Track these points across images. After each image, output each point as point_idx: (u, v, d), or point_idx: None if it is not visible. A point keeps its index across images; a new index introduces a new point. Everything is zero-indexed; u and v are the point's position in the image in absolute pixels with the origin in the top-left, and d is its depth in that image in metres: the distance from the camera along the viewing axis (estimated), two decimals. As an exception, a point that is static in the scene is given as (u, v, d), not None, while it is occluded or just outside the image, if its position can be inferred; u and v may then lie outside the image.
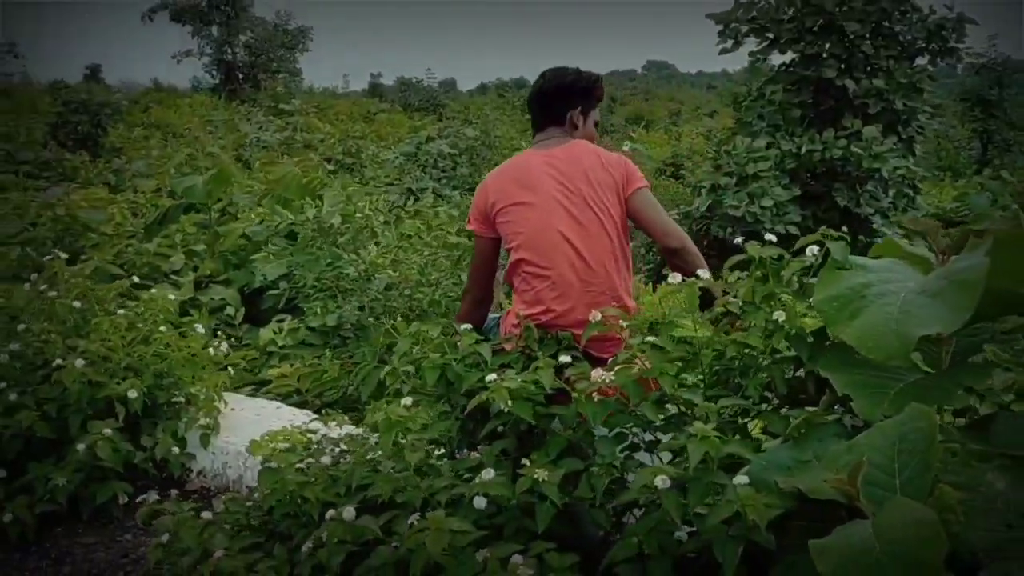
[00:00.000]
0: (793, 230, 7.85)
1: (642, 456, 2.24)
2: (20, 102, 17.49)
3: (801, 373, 2.16)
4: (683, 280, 2.30)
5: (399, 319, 4.64)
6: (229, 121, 17.35)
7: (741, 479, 1.82)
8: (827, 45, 8.68)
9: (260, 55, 24.96)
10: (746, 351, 2.17)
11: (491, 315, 2.94)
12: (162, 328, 3.48)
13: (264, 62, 25.00)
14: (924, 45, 8.95)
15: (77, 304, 3.58)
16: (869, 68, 8.65)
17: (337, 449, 2.69)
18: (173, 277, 6.72)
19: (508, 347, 2.62)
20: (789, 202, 8.33)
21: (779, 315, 2.14)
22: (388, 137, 17.80)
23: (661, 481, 1.91)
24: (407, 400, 2.39)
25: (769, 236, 2.31)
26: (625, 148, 11.61)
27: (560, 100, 2.80)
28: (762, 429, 2.18)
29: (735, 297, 2.25)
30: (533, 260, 2.66)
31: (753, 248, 2.22)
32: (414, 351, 2.57)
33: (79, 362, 3.16)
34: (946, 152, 19.22)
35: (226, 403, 3.69)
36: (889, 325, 1.74)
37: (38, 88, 18.95)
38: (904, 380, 1.86)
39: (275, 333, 5.63)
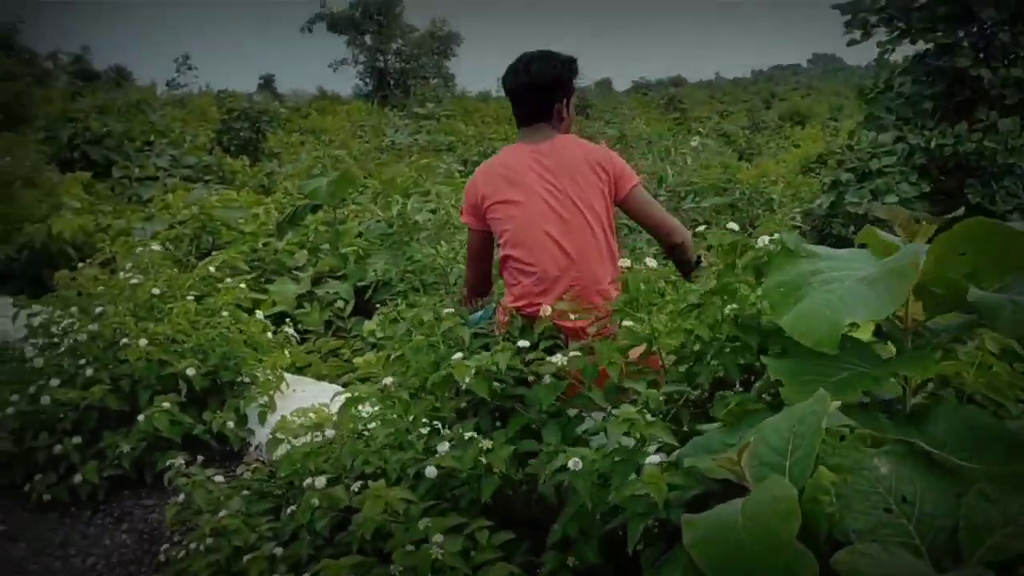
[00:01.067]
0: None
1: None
2: (192, 110, 18.90)
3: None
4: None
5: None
6: (376, 126, 18.12)
7: (653, 459, 1.85)
8: (961, 34, 8.16)
9: (410, 61, 25.88)
10: (696, 340, 2.18)
11: (489, 306, 3.02)
12: (224, 313, 3.76)
13: (415, 68, 25.89)
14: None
15: (156, 291, 3.92)
16: (1007, 57, 8.07)
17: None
18: (295, 272, 7.16)
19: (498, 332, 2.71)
20: (916, 199, 7.91)
21: (730, 305, 2.15)
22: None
23: (573, 463, 1.97)
24: (388, 379, 2.54)
25: (731, 225, 2.31)
26: (694, 143, 11.27)
27: (550, 94, 2.84)
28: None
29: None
30: (519, 257, 2.75)
31: (712, 235, 2.22)
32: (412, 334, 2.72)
33: (143, 342, 3.48)
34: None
35: (287, 384, 3.94)
36: (823, 312, 1.74)
37: (209, 97, 20.39)
38: (851, 370, 1.83)
39: (376, 325, 5.93)
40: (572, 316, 2.43)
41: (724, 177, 9.18)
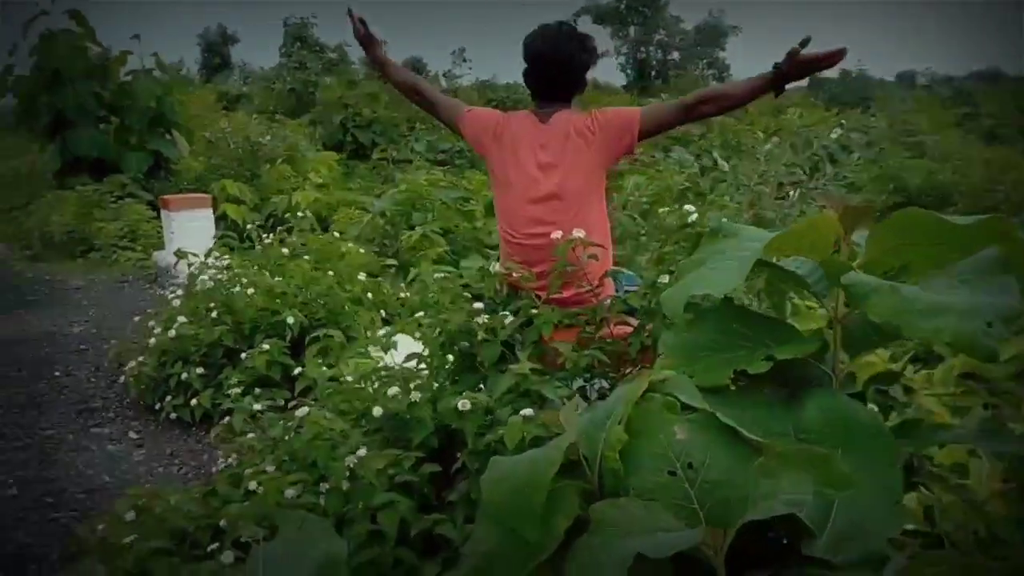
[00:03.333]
0: None
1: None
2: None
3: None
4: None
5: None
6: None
7: (525, 412, 2.03)
8: None
9: (671, 52, 25.71)
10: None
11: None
12: (330, 273, 4.23)
13: (677, 59, 25.69)
14: None
15: (285, 251, 4.48)
16: None
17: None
18: (486, 249, 7.64)
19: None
20: None
21: (663, 278, 2.21)
22: (786, 128, 17.28)
23: (461, 404, 2.16)
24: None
25: (688, 207, 2.35)
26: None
27: (579, 77, 2.93)
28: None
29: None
30: (507, 229, 2.92)
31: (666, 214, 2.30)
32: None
33: (250, 290, 4.03)
34: None
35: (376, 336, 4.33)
36: (686, 287, 1.82)
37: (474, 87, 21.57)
38: (748, 349, 1.87)
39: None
40: (515, 275, 2.58)
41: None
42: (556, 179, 2.84)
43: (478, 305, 2.58)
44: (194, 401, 4.01)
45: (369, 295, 4.37)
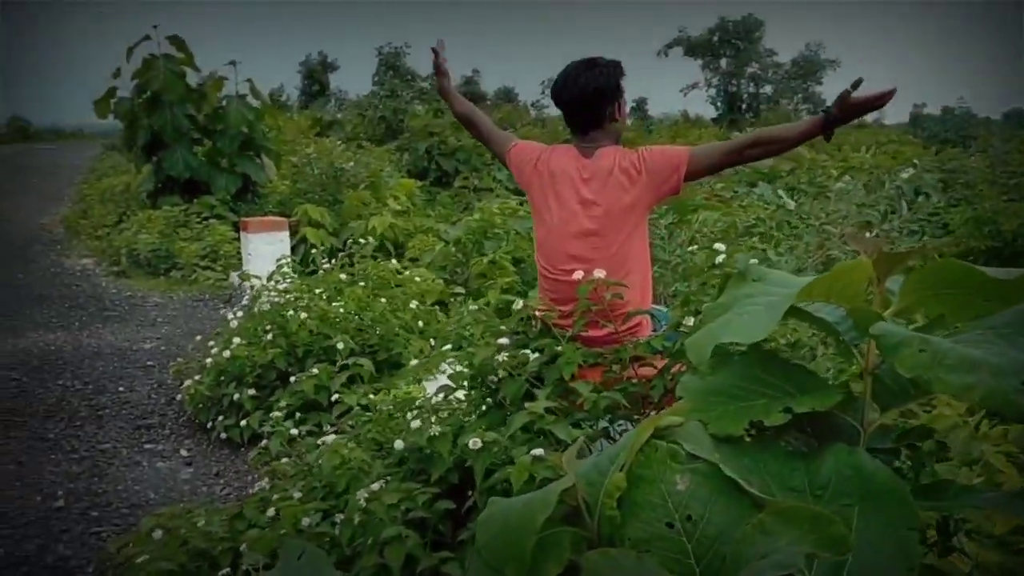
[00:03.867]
0: None
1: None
2: (551, 130, 20.26)
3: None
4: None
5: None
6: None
7: (536, 452, 1.99)
8: None
9: (764, 85, 25.28)
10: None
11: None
12: (381, 300, 4.24)
13: (770, 93, 25.24)
14: None
15: (343, 276, 4.51)
16: None
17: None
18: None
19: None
20: None
21: (688, 320, 2.14)
22: (879, 167, 16.79)
23: (472, 443, 2.11)
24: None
25: (718, 245, 2.26)
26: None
27: (599, 103, 2.87)
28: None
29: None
30: (544, 264, 2.88)
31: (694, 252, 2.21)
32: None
33: (303, 315, 4.06)
34: None
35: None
36: (713, 333, 1.76)
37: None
38: (769, 397, 1.80)
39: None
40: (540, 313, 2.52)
41: None
42: (597, 215, 2.79)
43: (503, 341, 2.53)
44: (244, 422, 4.05)
45: (420, 323, 4.36)
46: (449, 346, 3.10)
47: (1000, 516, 1.95)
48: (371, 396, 3.58)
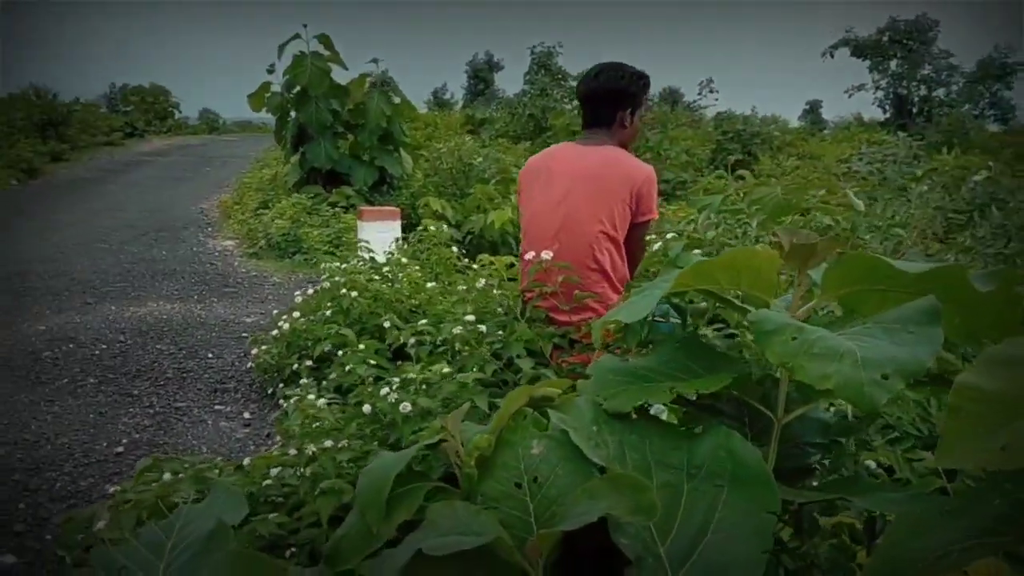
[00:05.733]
0: None
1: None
2: (702, 130, 19.92)
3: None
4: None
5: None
6: (875, 153, 17.11)
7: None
8: None
9: (937, 88, 23.66)
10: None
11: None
12: (429, 284, 4.41)
13: (943, 96, 23.62)
14: None
15: (404, 259, 4.72)
16: None
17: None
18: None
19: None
20: None
21: None
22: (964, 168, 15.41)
23: (403, 407, 2.22)
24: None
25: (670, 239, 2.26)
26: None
27: (613, 102, 2.93)
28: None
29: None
30: (525, 248, 2.96)
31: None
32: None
33: (353, 293, 4.29)
34: None
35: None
36: (610, 315, 1.89)
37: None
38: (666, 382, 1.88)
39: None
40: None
41: None
42: (574, 207, 2.85)
43: (469, 317, 2.63)
44: (298, 389, 4.32)
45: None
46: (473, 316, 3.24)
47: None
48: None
